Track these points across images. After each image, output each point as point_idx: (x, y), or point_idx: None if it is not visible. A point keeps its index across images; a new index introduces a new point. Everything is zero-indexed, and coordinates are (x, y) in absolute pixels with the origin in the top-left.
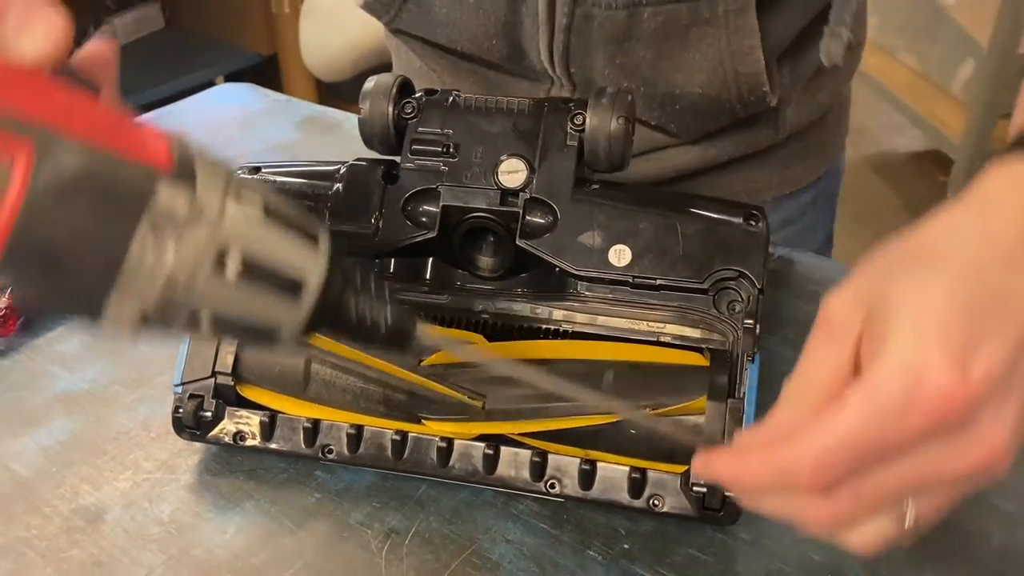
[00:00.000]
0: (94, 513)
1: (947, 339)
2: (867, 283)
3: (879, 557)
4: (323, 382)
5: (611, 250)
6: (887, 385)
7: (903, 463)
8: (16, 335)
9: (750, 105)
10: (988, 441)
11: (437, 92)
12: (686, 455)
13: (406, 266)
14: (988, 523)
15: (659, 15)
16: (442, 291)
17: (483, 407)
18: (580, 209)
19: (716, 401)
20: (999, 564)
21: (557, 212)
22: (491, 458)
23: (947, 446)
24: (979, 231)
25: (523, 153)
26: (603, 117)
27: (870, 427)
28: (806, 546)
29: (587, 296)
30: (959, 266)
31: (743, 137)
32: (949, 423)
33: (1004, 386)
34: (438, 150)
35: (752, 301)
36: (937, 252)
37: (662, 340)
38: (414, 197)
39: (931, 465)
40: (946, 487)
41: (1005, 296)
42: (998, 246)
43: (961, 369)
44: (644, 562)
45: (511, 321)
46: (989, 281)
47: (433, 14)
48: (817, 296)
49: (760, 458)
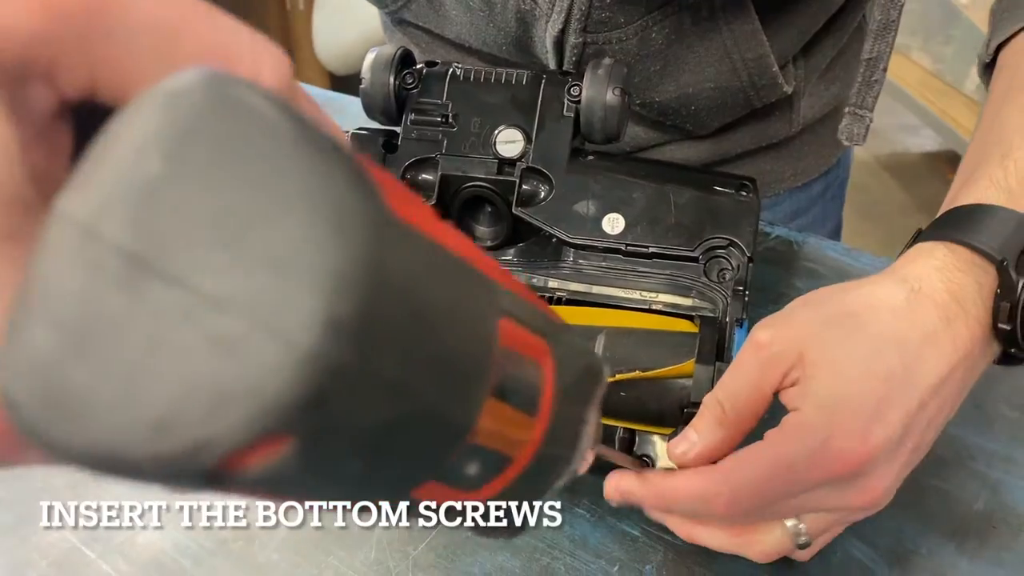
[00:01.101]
0: None
1: (857, 410)
2: (799, 331)
3: None
4: None
5: (605, 218)
6: (800, 442)
7: (800, 497)
8: None
9: (763, 91)
10: (874, 489)
11: (438, 64)
12: (675, 417)
13: None
14: (973, 488)
15: (665, 28)
16: None
17: None
18: (575, 179)
19: (704, 364)
20: (981, 526)
21: (553, 181)
22: None
23: (839, 490)
24: (906, 316)
25: (520, 124)
26: (599, 88)
27: (779, 473)
28: None
29: (581, 264)
30: (882, 342)
31: (758, 130)
32: (845, 477)
33: (897, 444)
34: (437, 120)
35: (742, 269)
36: (868, 327)
37: (653, 308)
38: (413, 166)
39: (823, 502)
40: (834, 518)
41: (915, 368)
42: (920, 328)
43: (863, 436)
44: (631, 520)
45: None
46: (906, 356)
47: (444, 11)
48: (823, 276)
49: (687, 484)
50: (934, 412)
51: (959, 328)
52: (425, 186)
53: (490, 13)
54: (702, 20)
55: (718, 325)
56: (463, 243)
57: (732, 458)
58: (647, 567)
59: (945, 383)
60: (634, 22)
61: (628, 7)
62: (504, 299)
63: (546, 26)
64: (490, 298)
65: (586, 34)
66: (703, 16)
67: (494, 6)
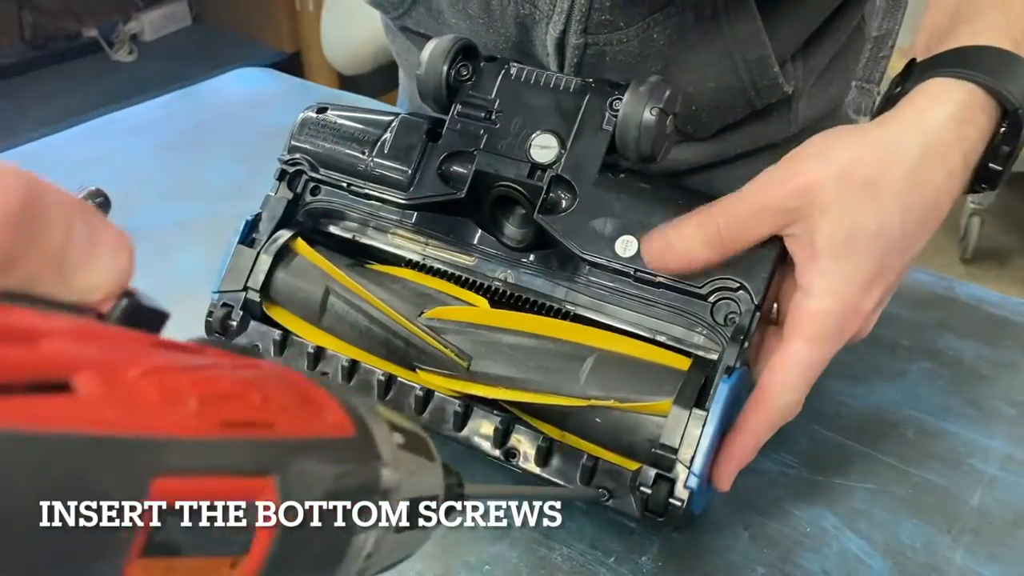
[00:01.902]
0: None
1: (868, 286)
2: (811, 182)
3: (857, 513)
4: (336, 315)
5: (619, 240)
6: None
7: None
8: None
9: (764, 91)
10: (863, 332)
11: (497, 59)
12: (644, 454)
13: (441, 223)
14: (969, 484)
15: (667, 28)
16: (468, 251)
17: (467, 367)
18: (599, 194)
19: (680, 407)
20: (975, 521)
21: (577, 193)
22: (460, 416)
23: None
24: (918, 181)
25: (559, 130)
26: (636, 106)
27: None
28: (783, 495)
29: (592, 282)
30: (890, 215)
31: (757, 130)
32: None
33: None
34: (481, 115)
35: (746, 316)
36: (881, 199)
37: (657, 339)
38: (451, 157)
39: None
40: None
41: (913, 232)
42: (928, 192)
43: (858, 311)
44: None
45: (516, 291)
46: (907, 224)
47: (443, 19)
48: None
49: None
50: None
51: (956, 183)
52: (458, 178)
53: (489, 20)
54: (705, 19)
55: (708, 369)
56: (99, 415)
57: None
58: (643, 558)
59: (927, 233)
60: (635, 24)
61: (629, 9)
62: (172, 455)
63: (547, 28)
64: (131, 465)
65: (587, 35)
66: (706, 15)
67: (492, 12)
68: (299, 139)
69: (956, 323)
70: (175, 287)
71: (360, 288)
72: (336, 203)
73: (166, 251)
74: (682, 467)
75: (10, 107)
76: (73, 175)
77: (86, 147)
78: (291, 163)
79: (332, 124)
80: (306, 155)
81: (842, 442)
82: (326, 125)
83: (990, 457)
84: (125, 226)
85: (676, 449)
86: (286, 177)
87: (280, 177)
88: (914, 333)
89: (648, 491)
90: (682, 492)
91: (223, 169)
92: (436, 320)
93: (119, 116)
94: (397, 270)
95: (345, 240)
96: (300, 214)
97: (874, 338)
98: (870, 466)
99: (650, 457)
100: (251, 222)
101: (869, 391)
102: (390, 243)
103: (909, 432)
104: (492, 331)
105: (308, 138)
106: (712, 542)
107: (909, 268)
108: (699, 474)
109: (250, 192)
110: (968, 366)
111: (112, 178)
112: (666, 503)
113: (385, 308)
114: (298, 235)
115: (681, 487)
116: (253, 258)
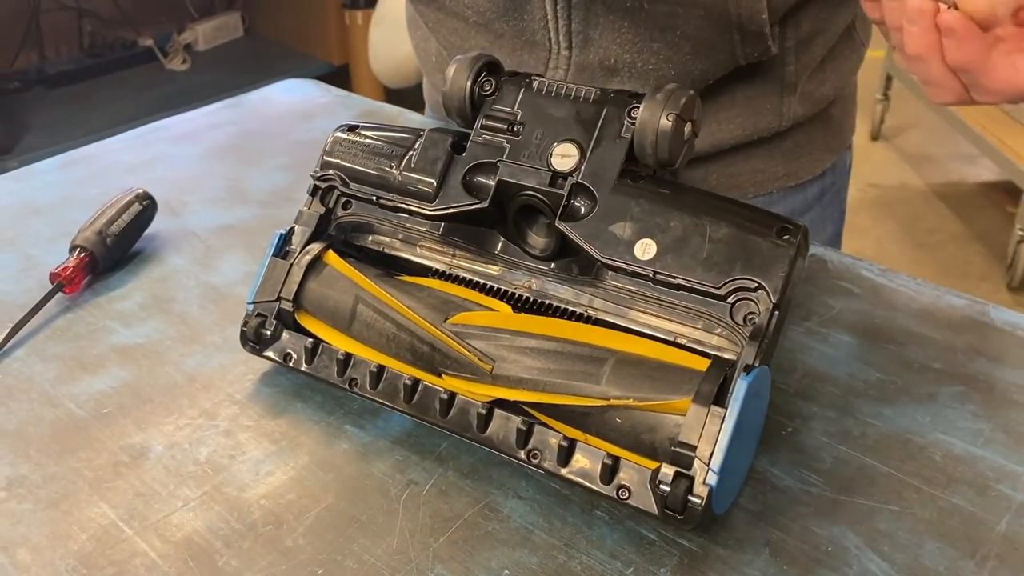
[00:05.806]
0: (139, 451)
1: None
2: None
3: (879, 534)
4: (365, 322)
5: (638, 243)
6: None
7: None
8: (81, 294)
9: (749, 39)
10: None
11: (519, 74)
12: (664, 452)
13: (467, 234)
14: (997, 510)
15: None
16: (493, 260)
17: (491, 372)
18: (618, 199)
19: (699, 405)
20: (1001, 547)
21: (597, 199)
22: (483, 418)
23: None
24: None
25: (578, 139)
26: (654, 112)
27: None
28: (805, 512)
29: (613, 287)
30: None
31: (748, 123)
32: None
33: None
34: (504, 128)
35: (765, 316)
36: None
37: (678, 342)
38: (475, 169)
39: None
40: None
41: None
42: None
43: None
44: (649, 524)
45: (540, 298)
46: None
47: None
48: (857, 295)
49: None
50: None
51: None
52: (482, 189)
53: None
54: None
55: (727, 368)
56: None
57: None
58: (662, 570)
59: None
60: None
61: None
62: None
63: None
64: None
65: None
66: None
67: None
68: (331, 156)
69: (989, 348)
70: (217, 288)
71: (388, 296)
72: (367, 217)
73: (209, 253)
74: (701, 464)
75: (69, 112)
76: (124, 178)
77: (138, 151)
78: (323, 179)
79: (362, 142)
80: (338, 171)
81: (867, 462)
82: (356, 142)
83: (1019, 484)
84: (171, 228)
85: (695, 446)
86: (318, 192)
87: (313, 192)
88: (946, 356)
89: (667, 489)
90: (701, 489)
91: (266, 176)
92: (460, 325)
93: (169, 122)
94: (424, 280)
95: (375, 252)
96: (332, 227)
97: (905, 360)
98: (895, 488)
99: (669, 455)
100: (284, 235)
101: (898, 412)
102: (418, 255)
103: (937, 455)
104: (514, 335)
105: (339, 155)
106: (732, 557)
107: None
108: (718, 471)
109: (292, 199)
110: (1000, 391)
111: (161, 182)
112: (685, 501)
113: (411, 315)
114: (329, 247)
115: (700, 484)
116: (286, 270)
